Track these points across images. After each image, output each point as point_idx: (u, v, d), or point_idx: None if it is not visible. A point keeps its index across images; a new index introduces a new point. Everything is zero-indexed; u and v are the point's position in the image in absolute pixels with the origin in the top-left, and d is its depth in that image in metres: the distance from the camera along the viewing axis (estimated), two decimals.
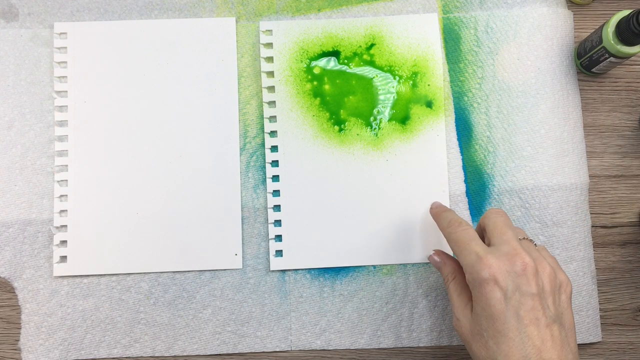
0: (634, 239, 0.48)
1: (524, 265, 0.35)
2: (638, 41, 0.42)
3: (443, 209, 0.43)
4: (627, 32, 0.41)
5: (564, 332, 0.35)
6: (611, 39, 0.43)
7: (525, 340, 0.33)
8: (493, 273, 0.34)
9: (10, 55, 0.48)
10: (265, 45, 0.48)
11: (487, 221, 0.39)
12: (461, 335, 0.37)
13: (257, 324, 0.46)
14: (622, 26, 0.42)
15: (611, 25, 0.43)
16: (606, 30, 0.43)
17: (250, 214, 0.47)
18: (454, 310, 0.38)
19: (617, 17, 0.43)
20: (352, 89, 0.48)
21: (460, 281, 0.39)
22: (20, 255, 0.46)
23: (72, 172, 0.47)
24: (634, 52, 0.43)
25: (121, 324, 0.46)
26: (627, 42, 0.42)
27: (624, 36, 0.42)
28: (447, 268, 0.41)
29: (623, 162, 0.49)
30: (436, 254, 0.42)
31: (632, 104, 0.49)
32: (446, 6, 0.49)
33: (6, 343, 0.46)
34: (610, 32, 0.43)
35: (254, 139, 0.48)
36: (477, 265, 0.35)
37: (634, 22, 0.41)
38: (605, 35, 0.43)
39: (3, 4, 0.48)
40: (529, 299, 0.34)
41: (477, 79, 0.48)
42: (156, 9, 0.49)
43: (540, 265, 0.36)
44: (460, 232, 0.38)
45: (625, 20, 0.41)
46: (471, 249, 0.36)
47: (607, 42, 0.43)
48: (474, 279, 0.35)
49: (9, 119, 0.47)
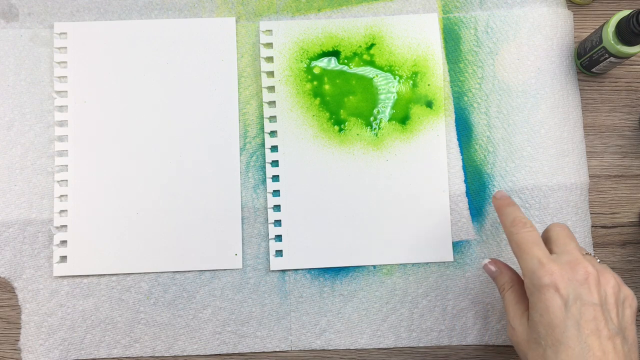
0: (634, 239, 0.48)
1: (587, 274, 0.34)
2: (638, 41, 0.42)
3: (507, 202, 0.40)
4: (627, 32, 0.41)
5: (626, 346, 0.33)
6: (611, 39, 0.43)
7: (586, 350, 0.32)
8: (554, 280, 0.34)
9: (10, 55, 0.48)
10: (265, 45, 0.48)
11: (550, 233, 0.38)
12: (516, 344, 0.36)
13: (257, 324, 0.46)
14: (622, 26, 0.42)
15: (611, 25, 0.43)
16: (606, 30, 0.43)
17: (250, 214, 0.47)
18: (510, 319, 0.37)
19: (617, 17, 0.43)
20: (352, 89, 0.48)
21: (517, 290, 0.38)
22: (20, 255, 0.46)
23: (72, 172, 0.47)
24: (634, 52, 0.43)
25: (121, 324, 0.46)
26: (627, 42, 0.42)
27: (624, 36, 0.42)
28: (503, 277, 0.39)
29: (623, 162, 0.49)
30: (492, 263, 0.41)
31: (632, 104, 0.49)
32: (446, 6, 0.49)
33: (6, 343, 0.46)
34: (610, 32, 0.43)
35: (254, 139, 0.48)
36: (539, 271, 0.34)
37: (634, 22, 0.40)
38: (605, 35, 0.43)
39: (3, 4, 0.48)
40: (591, 308, 0.33)
41: (477, 79, 0.48)
42: (156, 9, 0.49)
43: (604, 277, 0.35)
44: (524, 234, 0.37)
45: (625, 20, 0.41)
46: (533, 254, 0.35)
47: (607, 42, 0.43)
48: (534, 284, 0.34)
49: (9, 119, 0.47)
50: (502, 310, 0.46)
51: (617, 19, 0.43)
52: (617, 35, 0.43)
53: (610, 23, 0.43)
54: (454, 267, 0.47)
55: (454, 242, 0.47)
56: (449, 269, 0.47)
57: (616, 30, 0.42)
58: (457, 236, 0.47)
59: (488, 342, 0.46)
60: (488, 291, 0.47)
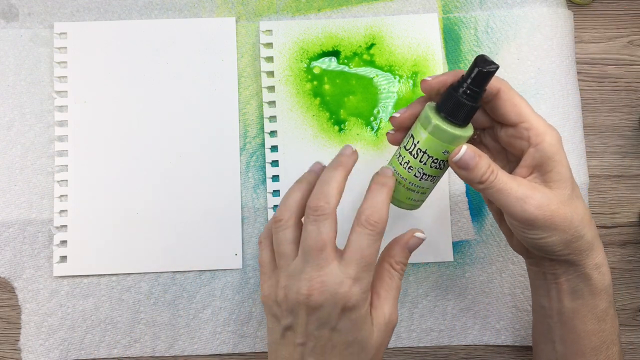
0: (634, 239, 0.48)
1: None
2: (471, 114, 0.33)
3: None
4: (457, 108, 0.33)
5: None
6: (453, 131, 0.33)
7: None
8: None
9: (10, 55, 0.48)
10: (265, 45, 0.48)
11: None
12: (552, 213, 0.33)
13: (257, 324, 0.46)
14: (448, 101, 0.33)
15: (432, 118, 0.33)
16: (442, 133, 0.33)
17: (250, 214, 0.47)
18: (523, 196, 0.33)
19: (431, 110, 0.34)
20: (352, 88, 0.48)
21: (505, 172, 0.34)
22: (20, 255, 0.46)
23: (72, 172, 0.47)
24: (468, 135, 0.34)
25: (121, 324, 0.46)
26: (463, 121, 0.33)
27: (457, 116, 0.33)
28: (485, 160, 0.33)
29: (623, 162, 0.49)
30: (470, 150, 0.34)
31: (632, 104, 0.49)
32: (446, 6, 0.49)
33: (6, 343, 0.46)
34: (446, 127, 0.33)
35: (254, 139, 0.48)
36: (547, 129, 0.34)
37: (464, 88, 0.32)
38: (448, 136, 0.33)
39: (3, 4, 0.48)
40: None
41: None
42: (156, 9, 0.49)
43: None
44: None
45: (449, 96, 0.33)
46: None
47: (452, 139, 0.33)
48: (550, 143, 0.33)
49: (9, 119, 0.47)
50: (502, 310, 0.46)
51: (434, 111, 0.34)
52: (452, 122, 0.33)
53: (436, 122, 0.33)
54: (454, 267, 0.47)
55: (454, 242, 0.47)
56: (449, 269, 0.47)
57: (446, 120, 0.33)
58: (457, 236, 0.47)
59: (488, 342, 0.46)
60: (488, 291, 0.47)
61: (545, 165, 0.34)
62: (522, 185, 0.33)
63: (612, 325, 0.37)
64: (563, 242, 0.34)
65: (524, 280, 0.47)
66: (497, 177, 0.33)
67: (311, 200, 0.34)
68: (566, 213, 0.33)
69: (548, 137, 0.34)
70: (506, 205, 0.33)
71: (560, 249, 0.34)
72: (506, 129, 0.36)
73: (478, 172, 0.33)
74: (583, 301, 0.36)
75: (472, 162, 0.33)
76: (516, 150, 0.35)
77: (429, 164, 0.34)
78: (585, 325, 0.36)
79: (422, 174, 0.35)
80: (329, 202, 0.33)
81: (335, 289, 0.32)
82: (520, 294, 0.46)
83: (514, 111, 0.34)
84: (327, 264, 0.32)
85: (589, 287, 0.36)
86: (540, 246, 0.34)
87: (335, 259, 0.33)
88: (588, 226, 0.35)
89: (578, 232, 0.34)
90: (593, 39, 0.50)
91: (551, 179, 0.34)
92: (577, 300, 0.36)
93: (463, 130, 0.33)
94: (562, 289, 0.36)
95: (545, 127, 0.34)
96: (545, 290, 0.38)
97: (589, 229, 0.35)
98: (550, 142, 0.34)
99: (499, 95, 0.34)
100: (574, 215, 0.34)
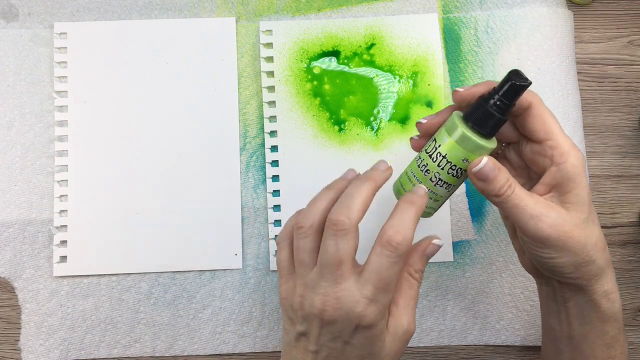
0: (634, 239, 0.48)
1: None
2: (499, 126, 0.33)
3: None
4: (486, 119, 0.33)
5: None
6: (477, 139, 0.33)
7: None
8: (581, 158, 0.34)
9: (10, 55, 0.48)
10: (265, 45, 0.48)
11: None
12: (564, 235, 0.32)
13: (257, 324, 0.46)
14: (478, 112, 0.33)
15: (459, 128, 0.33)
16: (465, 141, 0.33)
17: (250, 214, 0.47)
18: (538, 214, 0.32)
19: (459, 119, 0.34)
20: (352, 88, 0.48)
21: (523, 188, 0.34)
22: (20, 255, 0.46)
23: (72, 172, 0.47)
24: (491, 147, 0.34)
25: (121, 324, 0.46)
26: (490, 133, 0.33)
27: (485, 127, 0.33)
28: (504, 174, 0.33)
29: (623, 162, 0.49)
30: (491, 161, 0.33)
31: (632, 104, 0.49)
32: (446, 6, 0.49)
33: (6, 343, 0.46)
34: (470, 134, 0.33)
35: (254, 139, 0.48)
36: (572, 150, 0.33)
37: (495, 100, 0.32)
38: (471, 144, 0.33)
39: (3, 4, 0.48)
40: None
41: (477, 79, 0.48)
42: (156, 9, 0.49)
43: None
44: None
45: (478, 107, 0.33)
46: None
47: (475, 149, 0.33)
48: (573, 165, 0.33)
49: (9, 119, 0.47)
50: (502, 311, 0.46)
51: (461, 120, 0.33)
52: (478, 132, 0.33)
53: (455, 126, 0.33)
54: (454, 267, 0.47)
55: (454, 242, 0.47)
56: (449, 269, 0.47)
57: (474, 129, 0.33)
58: (457, 236, 0.47)
59: (488, 342, 0.46)
60: (488, 291, 0.47)
61: (565, 185, 0.33)
62: (538, 203, 0.33)
63: (621, 352, 0.36)
64: (573, 265, 0.33)
65: (524, 280, 0.47)
66: (514, 192, 0.33)
67: (332, 213, 0.33)
68: (580, 236, 0.33)
69: (572, 157, 0.33)
70: (520, 221, 0.33)
71: (570, 271, 0.34)
72: (531, 145, 0.35)
73: (496, 185, 0.33)
74: (591, 327, 0.35)
75: (491, 174, 0.33)
76: (539, 167, 0.35)
77: (446, 169, 0.34)
78: (594, 350, 0.36)
79: (437, 179, 0.35)
80: (350, 218, 0.32)
81: (350, 307, 0.31)
82: (520, 294, 0.46)
83: (542, 128, 0.34)
84: (343, 280, 0.32)
85: (597, 313, 0.35)
86: (551, 266, 0.34)
87: (353, 274, 0.32)
88: (601, 252, 0.34)
89: (589, 257, 0.33)
90: (593, 39, 0.50)
91: (569, 200, 0.33)
92: (585, 325, 0.36)
93: (487, 142, 0.33)
94: (570, 313, 0.36)
95: (571, 147, 0.33)
96: (556, 313, 0.37)
97: (601, 254, 0.34)
98: (573, 163, 0.33)
99: (529, 111, 0.34)
100: (587, 239, 0.33)
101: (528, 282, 0.46)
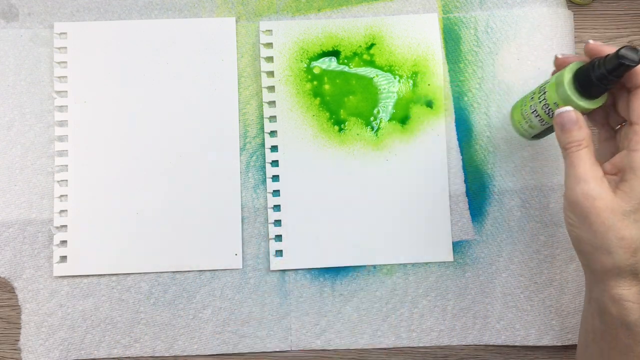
0: None
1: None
2: (600, 92, 0.35)
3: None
4: (588, 82, 0.35)
5: None
6: (570, 94, 0.36)
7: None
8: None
9: (10, 55, 0.48)
10: (265, 45, 0.48)
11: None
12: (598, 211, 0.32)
13: (257, 324, 0.46)
14: (583, 77, 0.35)
15: (567, 83, 0.36)
16: (561, 88, 0.36)
17: (250, 214, 0.47)
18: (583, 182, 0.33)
19: (570, 70, 0.36)
20: (352, 88, 0.48)
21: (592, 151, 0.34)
22: (20, 255, 0.46)
23: (72, 172, 0.47)
24: (593, 107, 0.36)
25: (121, 324, 0.46)
26: (589, 94, 0.35)
27: (586, 88, 0.35)
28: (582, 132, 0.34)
29: None
30: (574, 111, 0.35)
31: None
32: (446, 6, 0.49)
33: (6, 343, 0.46)
34: (567, 88, 0.36)
35: (254, 139, 0.48)
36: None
37: (601, 67, 0.34)
38: (561, 94, 0.36)
39: (3, 4, 0.48)
40: None
41: (477, 79, 0.48)
42: (156, 9, 0.49)
43: None
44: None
45: (587, 68, 0.35)
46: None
47: (568, 102, 0.36)
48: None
49: (9, 119, 0.47)
50: (502, 311, 0.46)
51: (570, 73, 0.36)
52: (577, 89, 0.35)
53: (564, 80, 0.36)
54: (454, 267, 0.47)
55: (454, 242, 0.47)
56: (449, 269, 0.47)
57: (575, 84, 0.35)
58: (457, 236, 0.47)
59: (488, 342, 0.46)
60: (488, 291, 0.47)
61: (626, 173, 0.33)
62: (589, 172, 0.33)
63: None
64: (591, 245, 0.33)
65: (524, 280, 0.47)
66: (579, 152, 0.34)
67: None
68: (609, 220, 0.32)
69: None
70: (567, 177, 0.34)
71: (587, 250, 0.33)
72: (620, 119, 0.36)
73: (568, 138, 0.35)
74: (607, 327, 0.34)
75: (567, 125, 0.35)
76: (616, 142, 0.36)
77: (542, 104, 0.38)
78: (609, 353, 0.35)
79: (534, 109, 0.39)
80: None
81: None
82: (520, 294, 0.46)
83: (636, 112, 0.34)
84: None
85: (608, 316, 0.34)
86: (573, 237, 0.34)
87: None
88: (626, 250, 0.32)
89: (609, 246, 0.32)
90: (593, 39, 0.50)
91: (622, 188, 0.33)
92: (602, 324, 0.35)
93: (581, 100, 0.35)
94: (592, 305, 0.35)
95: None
96: (587, 302, 0.37)
97: (625, 254, 0.32)
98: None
99: (635, 91, 0.34)
100: (615, 228, 0.32)
101: (528, 282, 0.46)
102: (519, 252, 0.47)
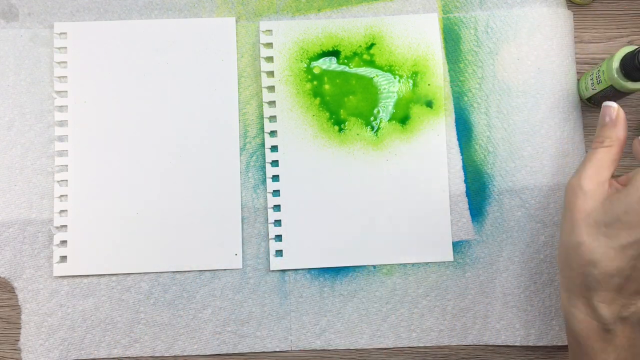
0: None
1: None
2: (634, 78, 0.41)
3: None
4: (632, 68, 0.40)
5: None
6: (616, 75, 0.42)
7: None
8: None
9: (10, 55, 0.48)
10: (265, 45, 0.48)
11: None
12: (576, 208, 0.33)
13: (257, 324, 0.46)
14: (627, 62, 0.41)
15: (615, 61, 0.42)
16: (610, 67, 0.42)
17: (250, 214, 0.47)
18: (583, 178, 0.34)
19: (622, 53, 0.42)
20: (352, 88, 0.48)
21: (612, 155, 0.35)
22: (20, 255, 0.46)
23: (72, 172, 0.47)
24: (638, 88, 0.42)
25: (121, 324, 0.46)
26: (632, 78, 0.41)
27: (629, 72, 0.41)
28: (614, 131, 0.35)
29: (623, 162, 0.49)
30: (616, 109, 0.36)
31: (632, 104, 0.49)
32: (446, 6, 0.49)
33: (6, 343, 0.46)
34: (614, 68, 0.42)
35: (254, 139, 0.48)
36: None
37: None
38: (610, 73, 0.42)
39: (3, 4, 0.48)
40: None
41: (477, 79, 0.48)
42: (156, 9, 0.49)
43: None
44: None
45: (630, 56, 0.41)
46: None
47: (613, 80, 0.42)
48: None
49: (9, 119, 0.47)
50: (502, 310, 0.46)
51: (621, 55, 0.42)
52: (622, 71, 0.42)
53: (614, 59, 0.42)
54: (454, 267, 0.47)
55: (454, 242, 0.47)
56: (449, 269, 0.47)
57: (620, 67, 0.42)
58: (457, 236, 0.47)
59: (488, 342, 0.46)
60: (488, 291, 0.47)
61: (624, 188, 0.33)
62: (594, 171, 0.34)
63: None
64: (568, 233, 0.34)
65: (524, 280, 0.47)
66: (598, 149, 0.35)
67: None
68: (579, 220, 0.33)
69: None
70: (579, 166, 0.36)
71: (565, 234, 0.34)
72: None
73: (599, 131, 0.37)
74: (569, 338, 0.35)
75: (605, 119, 0.37)
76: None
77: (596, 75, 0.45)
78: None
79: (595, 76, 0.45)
80: None
81: None
82: (520, 294, 0.46)
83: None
84: None
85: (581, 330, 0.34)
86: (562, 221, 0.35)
87: None
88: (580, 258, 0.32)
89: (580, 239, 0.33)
90: (593, 39, 0.50)
91: (610, 199, 0.33)
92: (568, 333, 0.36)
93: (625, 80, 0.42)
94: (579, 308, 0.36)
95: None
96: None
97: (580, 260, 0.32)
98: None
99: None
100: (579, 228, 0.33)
101: (528, 282, 0.46)
102: (519, 252, 0.47)
